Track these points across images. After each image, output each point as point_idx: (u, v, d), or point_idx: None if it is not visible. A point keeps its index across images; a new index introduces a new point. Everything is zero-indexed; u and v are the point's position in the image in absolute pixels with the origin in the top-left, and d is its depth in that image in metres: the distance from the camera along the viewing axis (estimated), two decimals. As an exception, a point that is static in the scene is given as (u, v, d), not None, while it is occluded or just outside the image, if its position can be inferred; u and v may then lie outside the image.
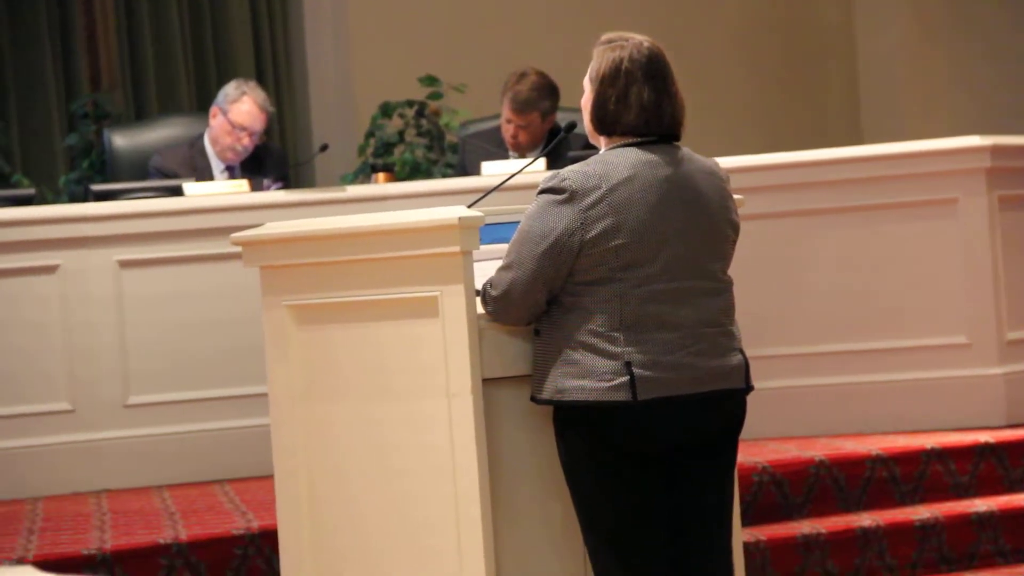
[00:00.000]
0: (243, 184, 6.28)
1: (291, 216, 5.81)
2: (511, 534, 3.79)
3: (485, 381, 3.76)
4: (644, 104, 3.71)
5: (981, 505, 5.56)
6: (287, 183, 6.67)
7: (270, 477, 4.07)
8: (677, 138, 3.77)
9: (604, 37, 3.79)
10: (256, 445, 5.75)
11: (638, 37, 3.76)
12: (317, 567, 3.95)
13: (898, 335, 6.22)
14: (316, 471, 3.95)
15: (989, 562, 5.44)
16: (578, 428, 3.67)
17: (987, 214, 6.18)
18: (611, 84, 3.72)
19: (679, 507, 3.70)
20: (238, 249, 4.10)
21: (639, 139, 3.72)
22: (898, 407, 6.16)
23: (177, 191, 6.21)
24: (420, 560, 3.80)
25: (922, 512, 5.47)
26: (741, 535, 4.06)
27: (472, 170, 6.59)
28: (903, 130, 8.90)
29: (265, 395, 4.08)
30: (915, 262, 6.22)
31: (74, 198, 7.31)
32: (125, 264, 6.03)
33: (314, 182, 8.21)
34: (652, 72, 3.72)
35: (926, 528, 5.41)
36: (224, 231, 5.69)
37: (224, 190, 6.23)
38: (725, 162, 3.95)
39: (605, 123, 3.74)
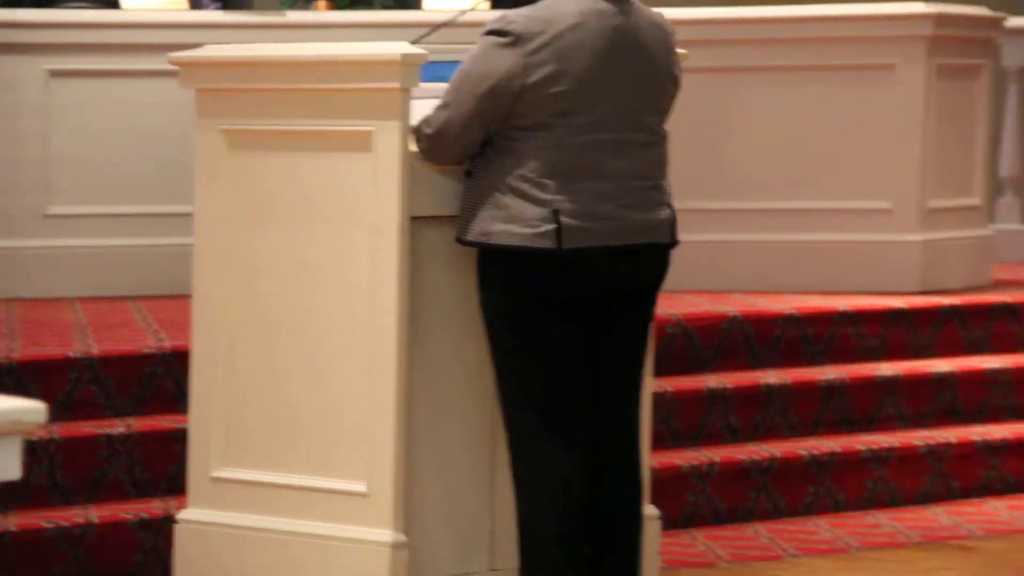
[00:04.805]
0: (182, 1, 6.21)
1: (227, 37, 5.76)
2: (424, 371, 3.83)
3: (414, 219, 3.78)
4: None
5: (887, 369, 5.66)
6: (226, 3, 6.60)
7: (183, 297, 4.05)
8: (630, -8, 3.74)
9: None
10: (173, 264, 5.76)
11: None
12: (227, 392, 3.97)
13: (822, 196, 6.28)
14: (235, 295, 3.97)
15: (888, 425, 5.55)
16: (501, 272, 3.69)
17: (924, 82, 6.22)
18: None
19: (595, 355, 3.75)
20: (172, 67, 4.08)
21: (590, -12, 3.70)
22: (816, 268, 6.23)
23: (114, 3, 6.13)
24: (329, 385, 3.83)
25: (828, 373, 5.56)
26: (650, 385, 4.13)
27: (413, 3, 6.54)
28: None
29: (187, 215, 4.07)
30: (847, 125, 6.26)
31: (7, 3, 7.19)
32: (56, 74, 5.97)
33: (252, 4, 8.12)
34: None
35: (831, 388, 5.50)
36: (159, 48, 5.64)
37: (161, 5, 6.16)
38: (666, 12, 3.95)
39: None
